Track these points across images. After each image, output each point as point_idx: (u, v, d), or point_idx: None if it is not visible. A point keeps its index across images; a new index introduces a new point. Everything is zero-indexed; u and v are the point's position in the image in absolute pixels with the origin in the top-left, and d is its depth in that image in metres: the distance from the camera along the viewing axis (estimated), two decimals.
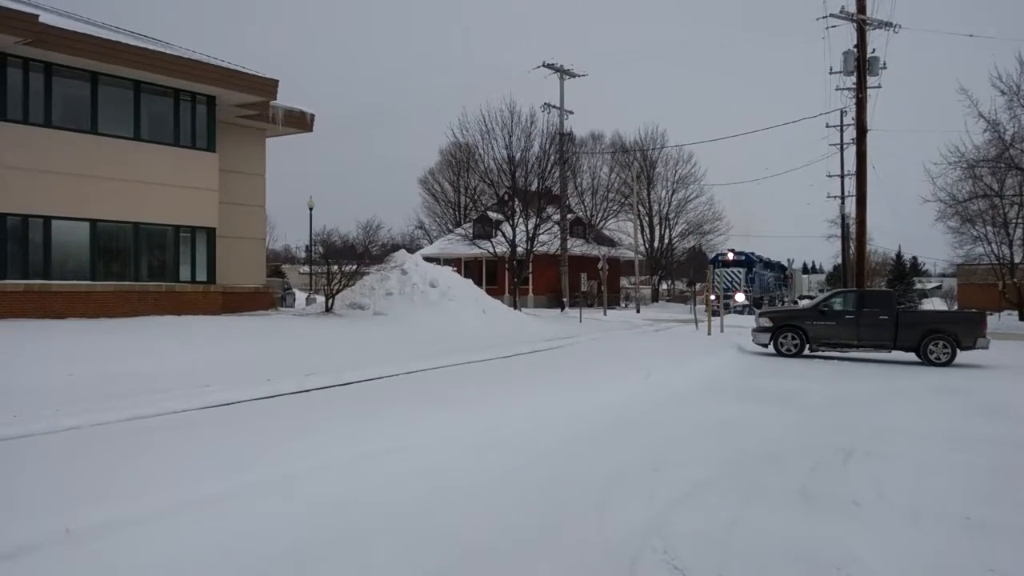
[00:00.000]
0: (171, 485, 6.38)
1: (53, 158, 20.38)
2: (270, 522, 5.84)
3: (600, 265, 42.96)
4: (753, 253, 52.62)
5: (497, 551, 5.51)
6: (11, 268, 19.87)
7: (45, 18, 19.38)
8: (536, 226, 40.50)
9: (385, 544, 5.58)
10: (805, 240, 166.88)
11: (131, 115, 22.40)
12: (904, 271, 67.29)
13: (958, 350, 19.07)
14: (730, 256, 49.20)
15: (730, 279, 45.75)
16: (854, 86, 29.09)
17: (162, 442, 8.24)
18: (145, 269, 22.82)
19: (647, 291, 64.81)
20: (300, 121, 28.19)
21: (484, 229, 44.06)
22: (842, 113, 44.77)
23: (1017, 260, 38.87)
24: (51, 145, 20.42)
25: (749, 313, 40.66)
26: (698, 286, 53.58)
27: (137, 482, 6.51)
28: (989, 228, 38.16)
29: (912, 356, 19.78)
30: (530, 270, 43.51)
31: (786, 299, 58.83)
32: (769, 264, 57.20)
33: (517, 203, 40.84)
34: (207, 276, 24.22)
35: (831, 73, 36.30)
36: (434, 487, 6.98)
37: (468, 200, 65.09)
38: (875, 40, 29.50)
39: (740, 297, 43.83)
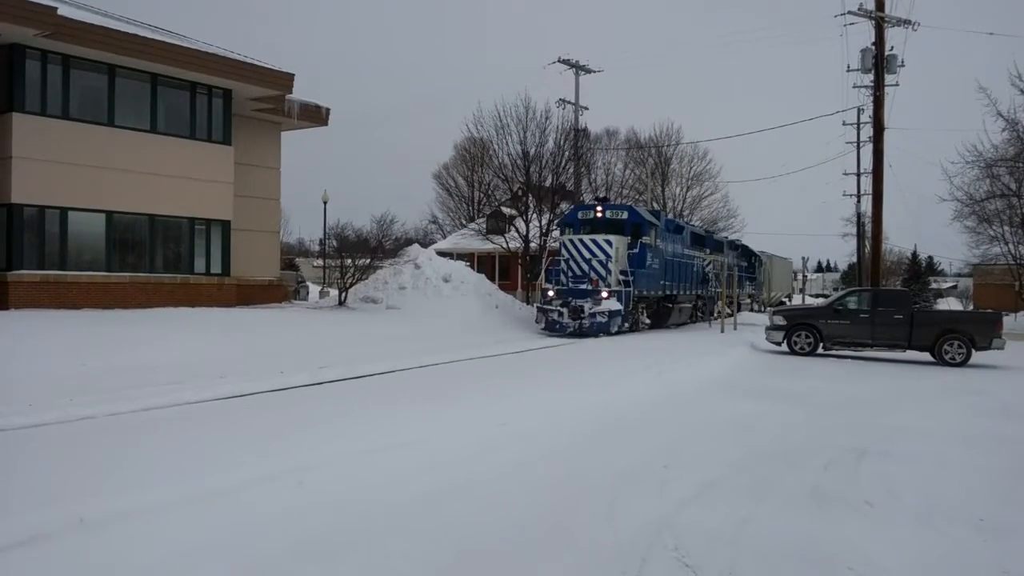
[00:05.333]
0: (184, 476, 6.42)
1: (70, 150, 20.51)
2: (279, 514, 5.86)
3: None
4: (660, 212, 31.80)
5: (507, 547, 5.51)
6: (28, 259, 20.02)
7: (63, 11, 19.50)
8: (550, 221, 40.41)
9: (394, 539, 5.59)
10: (820, 238, 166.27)
11: (148, 108, 22.52)
12: (920, 270, 66.87)
13: (973, 350, 18.94)
14: (598, 213, 25.42)
15: (588, 256, 23.97)
16: (871, 84, 28.89)
17: (175, 433, 8.29)
18: (160, 261, 22.95)
19: None
20: (315, 115, 28.27)
21: (497, 224, 44.02)
22: (859, 111, 44.49)
23: None
24: (68, 137, 20.55)
25: (614, 332, 23.40)
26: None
27: (150, 472, 6.55)
28: (1006, 228, 37.77)
29: (927, 356, 19.66)
30: (543, 266, 43.46)
31: (746, 304, 40.13)
32: (706, 240, 34.96)
33: (531, 198, 40.80)
34: (222, 268, 24.34)
35: (848, 71, 36.11)
36: (444, 482, 6.98)
37: (482, 195, 65.02)
38: (893, 38, 29.19)
39: (605, 296, 23.15)
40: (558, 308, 23.43)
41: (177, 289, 22.75)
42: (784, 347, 20.75)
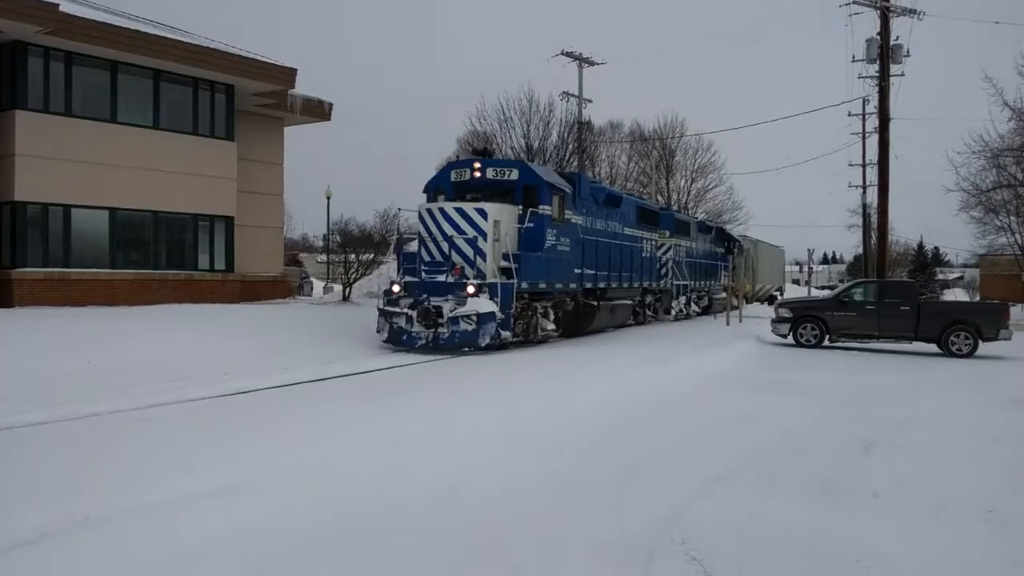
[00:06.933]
0: (190, 472, 6.40)
1: (73, 147, 20.50)
2: (286, 510, 5.84)
3: None
4: (580, 175, 21.70)
5: (515, 542, 5.48)
6: (32, 256, 20.04)
7: (65, 7, 19.48)
8: None
9: (402, 533, 5.57)
10: (826, 230, 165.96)
11: (150, 104, 22.51)
12: (926, 261, 66.79)
13: (980, 341, 18.90)
14: (476, 172, 17.75)
15: (450, 233, 16.57)
16: (877, 74, 28.73)
17: (182, 429, 8.28)
18: (164, 258, 22.96)
19: None
20: (318, 110, 28.23)
21: None
22: (864, 101, 44.19)
23: None
24: (71, 134, 20.54)
25: (486, 345, 15.69)
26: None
27: (158, 469, 6.53)
28: (1013, 218, 37.70)
29: (934, 347, 19.60)
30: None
31: (720, 300, 32.83)
32: (661, 218, 27.70)
33: None
34: (225, 265, 24.34)
35: (853, 61, 35.89)
36: (451, 478, 6.96)
37: None
38: (899, 27, 28.96)
39: (472, 291, 15.78)
40: (406, 311, 16.02)
41: (181, 286, 22.76)
42: (790, 339, 20.70)
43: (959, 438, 9.36)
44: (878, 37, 28.03)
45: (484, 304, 15.60)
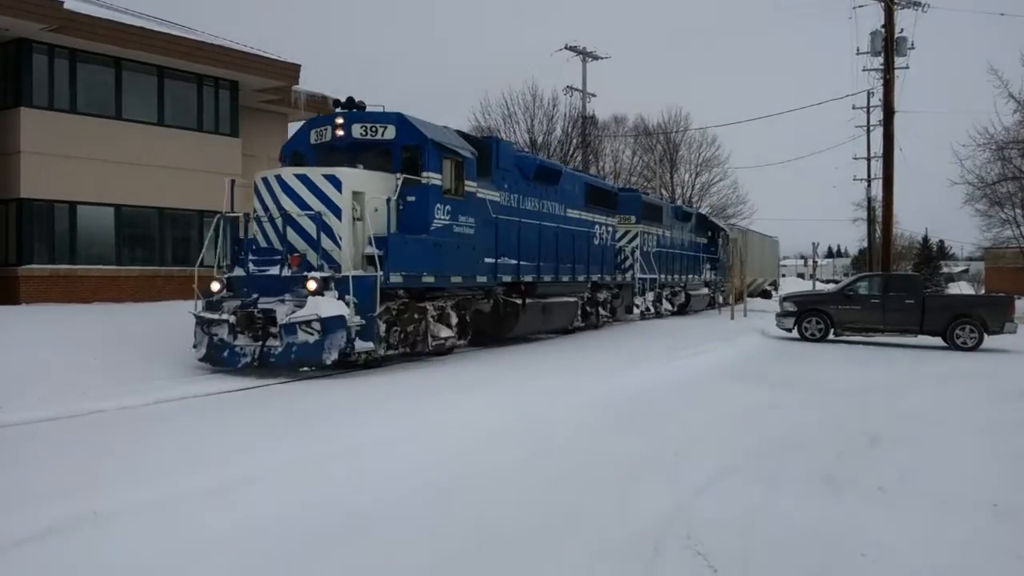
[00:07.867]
0: (194, 468, 6.42)
1: (78, 144, 20.50)
2: (290, 504, 5.86)
3: None
4: (495, 139, 17.72)
5: (520, 536, 5.49)
6: (38, 253, 20.08)
7: (70, 4, 19.49)
8: None
9: (407, 528, 5.59)
10: (831, 224, 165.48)
11: (155, 100, 22.51)
12: (931, 255, 66.71)
13: (985, 335, 18.86)
14: (338, 129, 13.80)
15: (285, 210, 12.63)
16: (881, 67, 28.68)
17: (185, 426, 8.32)
18: (169, 254, 22.98)
19: None
20: (322, 105, 28.13)
21: None
22: (869, 94, 44.07)
23: None
24: (76, 131, 20.55)
25: (331, 363, 11.60)
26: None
27: (162, 465, 6.56)
28: (1018, 211, 37.59)
29: (938, 341, 19.57)
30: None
31: (700, 296, 31.38)
32: (620, 199, 24.09)
33: None
34: (230, 261, 24.36)
35: (858, 54, 35.76)
36: (455, 472, 6.98)
37: None
38: (903, 20, 28.95)
39: (314, 287, 11.55)
40: (228, 318, 12.09)
41: (187, 282, 22.67)
42: (794, 333, 20.68)
43: (964, 432, 9.36)
44: (882, 30, 27.97)
45: (329, 305, 11.55)
